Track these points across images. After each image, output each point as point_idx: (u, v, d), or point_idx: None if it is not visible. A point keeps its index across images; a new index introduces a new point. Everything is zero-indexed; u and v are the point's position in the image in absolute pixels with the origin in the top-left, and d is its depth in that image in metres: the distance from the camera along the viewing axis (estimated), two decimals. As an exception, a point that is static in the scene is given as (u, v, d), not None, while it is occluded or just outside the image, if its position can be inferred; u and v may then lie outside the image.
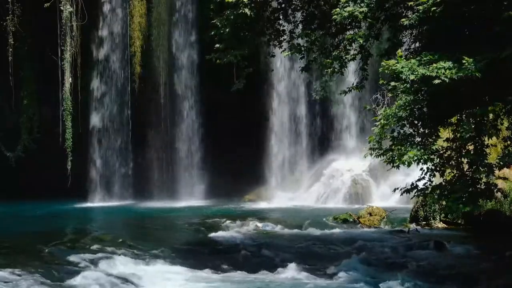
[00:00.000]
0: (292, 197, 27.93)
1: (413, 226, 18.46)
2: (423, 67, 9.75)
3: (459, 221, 18.37)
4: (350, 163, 28.21)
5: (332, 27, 13.05)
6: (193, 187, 29.92)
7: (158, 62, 30.25)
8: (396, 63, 10.10)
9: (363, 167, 27.12)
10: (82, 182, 29.09)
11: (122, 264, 13.51)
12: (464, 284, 11.76)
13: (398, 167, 10.56)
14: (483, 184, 10.92)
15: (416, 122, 10.83)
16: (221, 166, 28.42)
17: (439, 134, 11.07)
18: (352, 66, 15.18)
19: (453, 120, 11.25)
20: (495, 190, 11.19)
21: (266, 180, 29.32)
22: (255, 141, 29.17)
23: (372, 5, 11.19)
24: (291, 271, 13.21)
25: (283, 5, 13.92)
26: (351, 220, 19.90)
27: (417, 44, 11.67)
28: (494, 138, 10.62)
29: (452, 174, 11.19)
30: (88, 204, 28.42)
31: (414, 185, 11.46)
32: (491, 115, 10.37)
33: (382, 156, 10.76)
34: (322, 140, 30.31)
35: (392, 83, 10.37)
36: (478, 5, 9.90)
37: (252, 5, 12.61)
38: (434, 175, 11.30)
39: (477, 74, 9.31)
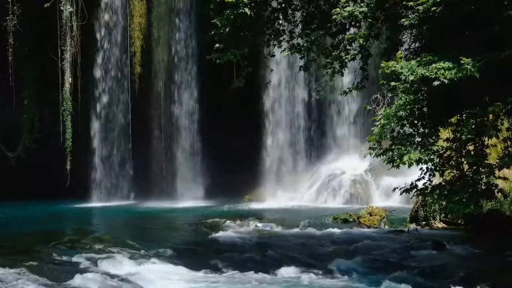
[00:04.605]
0: (292, 197, 27.91)
1: (413, 226, 18.43)
2: (423, 67, 9.75)
3: (459, 221, 18.34)
4: (350, 163, 28.22)
5: (332, 27, 13.05)
6: (193, 187, 29.92)
7: (158, 62, 30.29)
8: (395, 64, 10.10)
9: (363, 167, 27.12)
10: (82, 182, 29.12)
11: (122, 264, 13.49)
12: (464, 284, 11.72)
13: (398, 166, 10.56)
14: (483, 184, 10.90)
15: (416, 122, 10.82)
16: (221, 166, 28.40)
17: (439, 134, 11.06)
18: (351, 67, 15.18)
19: (453, 120, 11.23)
20: (495, 191, 11.17)
21: (266, 180, 29.31)
22: (255, 141, 29.17)
23: (372, 5, 11.19)
24: (291, 271, 13.20)
25: (283, 5, 13.92)
26: (351, 220, 19.88)
27: (417, 44, 11.67)
28: (494, 138, 10.61)
29: (452, 174, 11.17)
30: (88, 204, 28.44)
31: (414, 184, 11.47)
32: (491, 116, 10.35)
33: (382, 155, 10.77)
34: (322, 139, 30.31)
35: (392, 83, 10.37)
36: (478, 5, 9.89)
37: (252, 4, 12.60)
38: (434, 175, 11.29)
39: (475, 75, 9.30)
